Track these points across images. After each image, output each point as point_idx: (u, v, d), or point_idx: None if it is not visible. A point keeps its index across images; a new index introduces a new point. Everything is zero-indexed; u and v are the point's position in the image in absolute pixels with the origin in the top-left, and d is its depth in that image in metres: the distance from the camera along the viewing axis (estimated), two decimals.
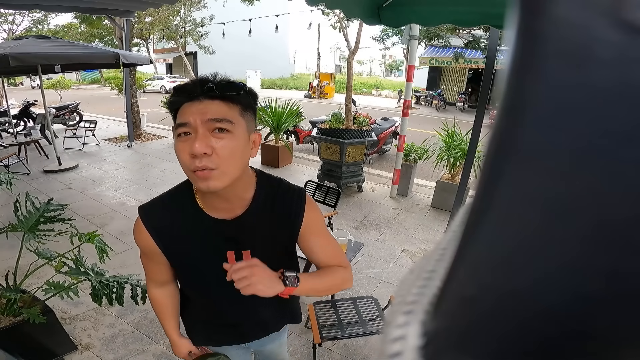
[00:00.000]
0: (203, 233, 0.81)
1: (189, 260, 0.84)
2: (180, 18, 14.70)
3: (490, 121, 0.15)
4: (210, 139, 0.67)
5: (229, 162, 0.69)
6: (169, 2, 3.06)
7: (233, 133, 0.69)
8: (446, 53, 13.53)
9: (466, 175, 3.32)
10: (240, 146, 0.70)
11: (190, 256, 0.83)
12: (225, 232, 0.81)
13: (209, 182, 0.68)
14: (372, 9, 2.80)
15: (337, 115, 4.66)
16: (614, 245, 0.09)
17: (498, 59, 3.14)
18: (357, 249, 2.28)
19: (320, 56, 22.26)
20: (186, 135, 0.68)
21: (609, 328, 0.10)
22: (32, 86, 21.61)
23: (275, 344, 1.14)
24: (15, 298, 1.68)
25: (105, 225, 3.54)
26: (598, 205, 0.09)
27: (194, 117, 0.67)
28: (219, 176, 0.68)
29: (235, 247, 0.82)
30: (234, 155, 0.69)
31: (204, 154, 0.66)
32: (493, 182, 0.11)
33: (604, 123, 0.09)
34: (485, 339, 0.12)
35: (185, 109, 0.69)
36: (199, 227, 0.80)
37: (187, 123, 0.67)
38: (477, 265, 0.12)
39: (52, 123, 5.70)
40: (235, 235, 0.82)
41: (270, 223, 0.84)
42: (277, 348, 1.17)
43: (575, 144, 0.09)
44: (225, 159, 0.68)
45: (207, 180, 0.67)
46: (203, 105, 0.68)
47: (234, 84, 0.70)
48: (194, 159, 0.66)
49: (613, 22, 0.08)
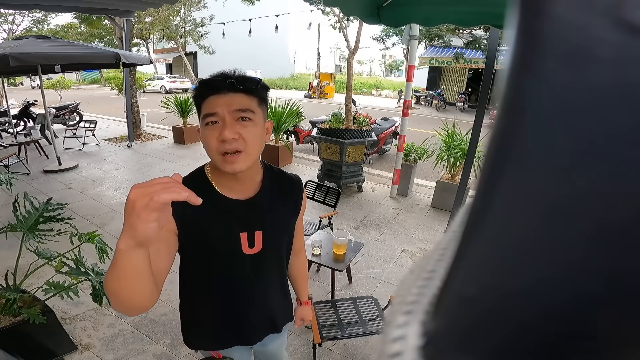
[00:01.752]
0: (219, 212, 0.87)
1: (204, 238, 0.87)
2: (180, 18, 14.71)
3: (490, 121, 0.15)
4: (236, 126, 0.77)
5: (253, 145, 0.80)
6: (169, 2, 3.06)
7: (254, 121, 0.80)
8: (446, 53, 13.54)
9: (466, 175, 3.32)
10: (260, 132, 0.82)
11: (206, 235, 0.86)
12: (240, 211, 0.88)
13: (234, 165, 0.78)
14: (371, 9, 2.80)
15: (337, 115, 4.66)
16: (615, 245, 0.09)
17: (498, 59, 3.14)
18: (357, 249, 2.28)
19: (320, 56, 22.28)
20: (214, 124, 0.77)
21: (610, 328, 0.10)
22: (32, 86, 21.60)
23: (276, 343, 1.15)
24: (15, 298, 1.68)
25: (105, 225, 3.54)
26: (598, 205, 0.09)
27: (221, 108, 0.76)
28: (244, 158, 0.79)
29: (247, 227, 0.89)
30: (256, 140, 0.80)
31: (233, 139, 0.76)
32: (493, 182, 0.11)
33: (604, 123, 0.09)
34: (486, 339, 0.12)
35: (211, 101, 0.78)
36: (216, 207, 0.86)
37: (215, 113, 0.77)
38: (477, 265, 0.12)
39: (52, 123, 5.70)
40: (248, 215, 0.89)
41: (279, 205, 0.94)
42: (277, 348, 1.18)
43: (575, 144, 0.09)
44: (250, 142, 0.78)
45: (234, 163, 0.78)
46: (228, 98, 0.77)
47: (252, 79, 0.81)
48: (223, 144, 0.76)
49: (613, 22, 0.08)
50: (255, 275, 0.94)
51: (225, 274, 0.92)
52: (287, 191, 0.96)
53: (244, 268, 0.91)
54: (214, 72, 0.83)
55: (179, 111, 6.98)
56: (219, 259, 0.90)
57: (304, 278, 1.20)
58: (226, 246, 0.88)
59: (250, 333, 1.02)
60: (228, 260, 0.90)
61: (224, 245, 0.88)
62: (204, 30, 13.01)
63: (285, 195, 0.95)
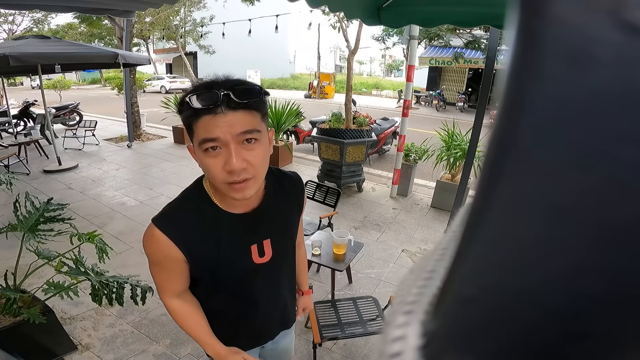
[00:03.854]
0: (226, 229, 0.82)
1: (213, 259, 0.82)
2: (180, 18, 14.68)
3: (490, 121, 0.15)
4: (243, 152, 0.68)
5: (262, 168, 0.73)
6: (169, 2, 3.06)
7: (260, 141, 0.71)
8: (446, 53, 13.53)
9: (466, 175, 3.32)
10: (266, 149, 0.74)
11: (216, 255, 0.81)
12: (247, 225, 0.84)
13: (245, 192, 0.71)
14: (372, 10, 2.80)
15: (337, 115, 4.66)
16: (616, 246, 0.09)
17: (498, 59, 3.13)
18: (357, 249, 2.28)
19: (320, 56, 22.28)
20: (214, 149, 0.67)
21: (611, 329, 0.10)
22: (32, 86, 21.59)
23: (287, 339, 1.17)
24: (15, 298, 1.67)
25: (105, 225, 3.54)
26: (598, 206, 0.09)
27: (222, 132, 0.65)
28: (254, 184, 0.72)
29: (256, 238, 0.86)
30: (264, 160, 0.73)
31: (242, 169, 0.67)
32: (493, 182, 0.11)
33: (604, 123, 0.09)
34: (486, 339, 0.12)
35: (208, 122, 0.66)
36: (221, 225, 0.81)
37: (216, 138, 0.66)
38: (477, 265, 0.12)
39: (52, 123, 5.70)
40: (255, 226, 0.85)
41: (283, 208, 0.91)
42: (288, 344, 1.20)
43: (575, 144, 0.09)
44: (259, 166, 0.71)
45: (244, 190, 0.70)
46: (228, 118, 0.66)
47: (252, 90, 0.69)
48: (231, 174, 0.68)
49: (613, 22, 0.08)
50: (269, 281, 0.93)
51: (237, 286, 0.89)
52: (289, 192, 0.93)
53: (255, 277, 0.89)
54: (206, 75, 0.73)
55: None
56: (230, 274, 0.87)
57: (304, 269, 1.22)
58: (237, 261, 0.85)
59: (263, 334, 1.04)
60: (240, 274, 0.87)
61: (235, 261, 0.85)
62: (204, 30, 13.00)
63: (288, 196, 0.92)
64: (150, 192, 4.49)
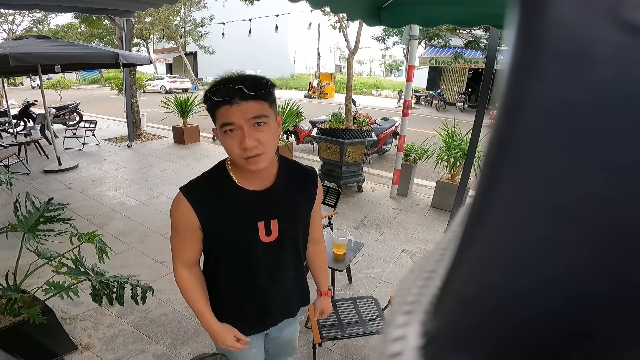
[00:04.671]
0: (239, 203, 0.95)
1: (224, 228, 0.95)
2: (180, 18, 14.71)
3: (490, 121, 0.15)
4: (254, 133, 0.84)
5: (271, 146, 0.88)
6: (169, 2, 3.06)
7: (268, 124, 0.86)
8: (446, 53, 13.52)
9: (466, 175, 3.32)
10: (274, 131, 0.89)
11: (226, 225, 0.95)
12: (257, 201, 0.96)
13: (258, 164, 0.86)
14: (372, 10, 2.80)
15: (337, 115, 4.66)
16: (615, 246, 0.09)
17: (498, 59, 3.13)
18: (357, 249, 2.28)
19: (320, 56, 22.28)
20: (232, 131, 0.84)
21: (610, 329, 0.10)
22: (32, 86, 21.58)
23: (291, 329, 1.23)
24: (15, 298, 1.67)
25: (105, 225, 3.54)
26: (598, 205, 0.09)
27: (237, 118, 0.82)
28: (265, 158, 0.87)
29: (264, 215, 0.97)
30: (273, 139, 0.88)
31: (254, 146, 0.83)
32: (493, 182, 0.11)
33: (604, 123, 0.09)
34: (486, 339, 0.12)
35: (225, 110, 0.83)
36: (236, 199, 0.95)
37: (232, 122, 0.83)
38: (477, 265, 0.12)
39: (52, 123, 5.70)
40: (265, 204, 0.97)
41: (293, 194, 1.01)
42: (292, 334, 1.26)
43: (574, 144, 0.09)
44: (268, 144, 0.86)
45: (257, 163, 0.86)
46: (242, 107, 0.82)
47: (260, 82, 0.84)
48: (245, 151, 0.84)
49: (613, 22, 0.08)
50: (273, 261, 1.02)
51: (244, 261, 1.00)
52: (301, 181, 1.04)
53: (262, 255, 0.99)
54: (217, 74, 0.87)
55: (179, 111, 6.97)
56: (238, 247, 0.97)
57: (324, 268, 1.26)
58: (244, 235, 0.96)
59: (267, 316, 1.10)
60: (247, 248, 0.97)
61: (243, 234, 0.96)
62: (204, 30, 13.01)
63: (299, 185, 1.03)
64: (150, 192, 4.49)
